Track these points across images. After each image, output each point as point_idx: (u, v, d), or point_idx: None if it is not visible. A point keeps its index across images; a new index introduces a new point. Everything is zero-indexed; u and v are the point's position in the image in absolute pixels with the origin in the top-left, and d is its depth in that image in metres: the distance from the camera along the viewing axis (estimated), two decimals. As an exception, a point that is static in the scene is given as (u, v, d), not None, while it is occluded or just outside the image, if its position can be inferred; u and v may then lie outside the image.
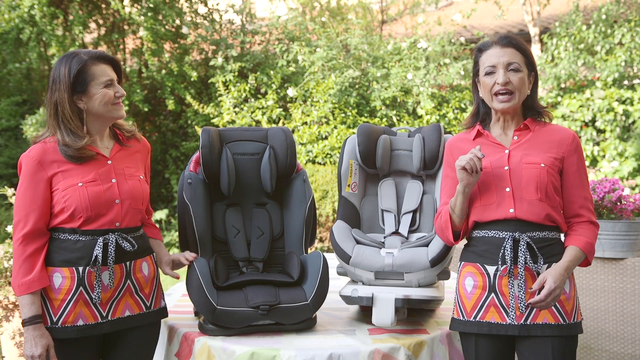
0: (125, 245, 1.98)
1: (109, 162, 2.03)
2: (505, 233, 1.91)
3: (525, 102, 2.00)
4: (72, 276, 1.94)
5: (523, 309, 1.89)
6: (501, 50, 1.95)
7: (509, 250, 1.88)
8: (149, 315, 2.08)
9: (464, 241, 2.09)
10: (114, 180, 2.00)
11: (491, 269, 1.93)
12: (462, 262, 2.02)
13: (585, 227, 1.94)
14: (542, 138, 1.97)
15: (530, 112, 2.02)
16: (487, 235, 1.94)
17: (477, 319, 1.94)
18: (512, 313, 1.90)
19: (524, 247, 1.88)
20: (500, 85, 1.92)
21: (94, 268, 1.94)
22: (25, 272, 1.89)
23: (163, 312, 2.15)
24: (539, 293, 1.84)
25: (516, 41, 1.97)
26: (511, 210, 1.90)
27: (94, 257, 1.94)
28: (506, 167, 1.93)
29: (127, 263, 2.02)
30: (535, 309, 1.89)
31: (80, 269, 1.94)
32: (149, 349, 2.10)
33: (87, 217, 1.94)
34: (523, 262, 1.87)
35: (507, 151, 1.96)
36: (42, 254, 1.93)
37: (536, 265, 1.89)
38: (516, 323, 1.90)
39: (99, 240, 1.95)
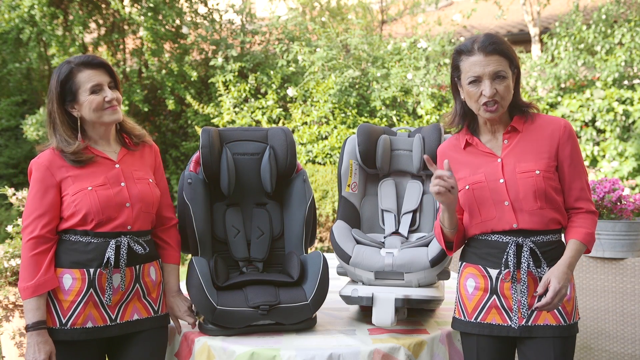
0: (137, 248, 1.98)
1: (117, 165, 2.03)
2: (508, 238, 1.89)
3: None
4: (83, 278, 1.94)
5: (525, 314, 1.88)
6: (485, 59, 1.83)
7: (512, 255, 1.86)
8: (157, 319, 2.08)
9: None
10: (123, 184, 2.00)
11: (493, 272, 1.92)
12: (464, 263, 2.01)
13: (583, 218, 1.90)
14: (532, 137, 1.91)
15: (515, 109, 1.95)
16: (490, 239, 1.92)
17: (479, 320, 1.94)
18: (515, 317, 1.88)
19: (527, 252, 1.85)
20: (487, 97, 1.84)
21: (106, 270, 1.95)
22: (32, 275, 1.89)
23: (169, 317, 2.16)
24: (544, 295, 1.81)
25: (500, 46, 1.85)
26: (515, 225, 1.88)
27: (106, 259, 1.94)
28: (501, 180, 1.88)
29: (137, 266, 2.03)
30: (536, 311, 1.88)
31: (92, 270, 1.95)
32: (158, 353, 2.09)
33: (99, 220, 1.94)
34: (526, 268, 1.85)
35: (499, 160, 1.91)
36: (49, 257, 1.93)
37: (539, 270, 1.87)
38: (518, 325, 1.89)
39: (111, 243, 1.95)
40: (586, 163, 6.50)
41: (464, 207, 1.97)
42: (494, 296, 1.92)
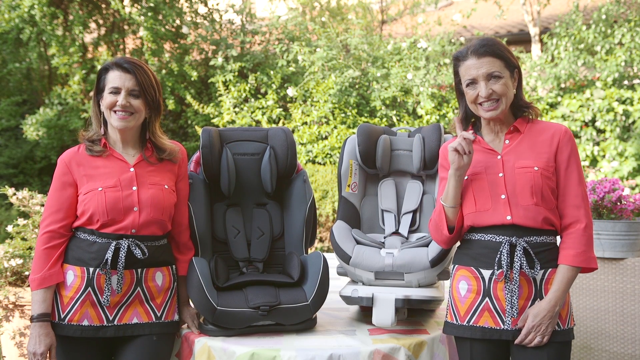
0: (137, 252, 1.99)
1: (132, 169, 2.05)
2: (502, 237, 1.88)
3: (512, 101, 1.96)
4: (83, 276, 1.98)
5: (515, 314, 1.86)
6: (478, 62, 1.89)
7: (506, 255, 1.86)
8: (158, 325, 2.06)
9: (458, 243, 2.07)
10: (134, 188, 2.02)
11: (486, 273, 1.91)
12: (456, 265, 2.00)
13: (573, 238, 1.88)
14: (533, 138, 1.94)
15: (518, 110, 1.99)
16: (483, 238, 1.92)
17: (471, 323, 1.93)
18: (508, 319, 1.88)
19: (521, 252, 1.85)
20: (483, 98, 1.89)
21: (103, 271, 1.97)
22: (40, 267, 1.96)
23: (174, 326, 2.12)
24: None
25: (492, 47, 1.90)
26: (508, 218, 1.88)
27: (104, 260, 1.96)
28: (501, 174, 1.91)
29: (139, 270, 2.03)
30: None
31: (91, 270, 1.98)
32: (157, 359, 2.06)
33: (104, 221, 1.98)
34: (518, 268, 1.85)
35: (499, 157, 1.94)
36: (59, 252, 1.98)
37: (532, 271, 1.85)
38: (511, 328, 1.89)
39: (112, 244, 1.97)
40: (586, 163, 6.50)
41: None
42: (487, 298, 1.91)
